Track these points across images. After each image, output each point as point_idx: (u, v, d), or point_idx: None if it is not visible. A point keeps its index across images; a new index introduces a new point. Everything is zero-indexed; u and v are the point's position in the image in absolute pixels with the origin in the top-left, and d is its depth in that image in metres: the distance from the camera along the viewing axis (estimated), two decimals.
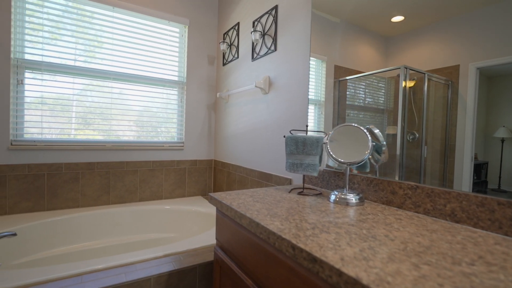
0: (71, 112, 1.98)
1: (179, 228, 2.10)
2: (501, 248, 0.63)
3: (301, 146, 1.15)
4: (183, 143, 2.41)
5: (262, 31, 1.80)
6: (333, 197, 1.03)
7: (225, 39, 2.36)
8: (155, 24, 2.25)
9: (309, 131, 1.28)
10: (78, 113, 2.00)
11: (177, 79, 2.38)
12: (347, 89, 1.29)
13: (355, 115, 1.24)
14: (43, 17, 1.86)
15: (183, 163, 2.39)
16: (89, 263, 1.16)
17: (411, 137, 1.04)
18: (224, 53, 2.38)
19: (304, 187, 1.23)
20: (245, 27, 2.04)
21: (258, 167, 1.85)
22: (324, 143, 1.11)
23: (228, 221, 0.99)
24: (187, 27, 2.38)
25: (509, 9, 0.77)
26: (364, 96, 1.21)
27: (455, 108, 0.89)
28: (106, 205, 2.07)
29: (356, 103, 1.24)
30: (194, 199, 2.34)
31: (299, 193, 1.16)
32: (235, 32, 2.18)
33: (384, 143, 1.08)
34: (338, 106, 1.32)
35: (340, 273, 0.50)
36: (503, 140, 0.79)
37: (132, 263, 1.21)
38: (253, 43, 1.91)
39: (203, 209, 2.07)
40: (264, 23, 1.80)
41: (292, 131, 1.48)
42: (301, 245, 0.61)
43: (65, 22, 1.93)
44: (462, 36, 0.87)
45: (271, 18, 1.73)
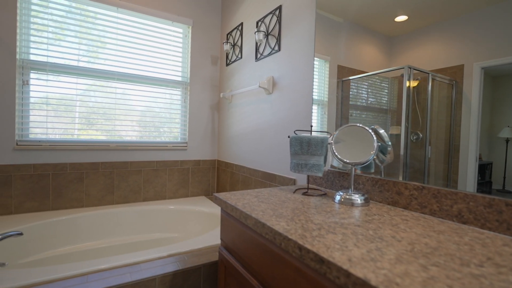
0: (75, 112, 1.99)
1: (182, 228, 2.10)
2: (510, 249, 0.62)
3: (306, 146, 1.15)
4: (186, 143, 2.41)
5: (265, 31, 1.80)
6: (338, 198, 1.03)
7: (228, 39, 2.36)
8: (158, 24, 2.26)
9: (313, 131, 1.27)
10: (82, 113, 2.01)
11: (180, 79, 2.38)
12: (350, 89, 1.28)
13: (358, 115, 1.24)
14: (48, 18, 1.87)
15: (186, 163, 2.40)
16: (94, 262, 1.16)
17: (415, 137, 1.03)
18: (227, 53, 2.38)
19: (308, 187, 1.22)
20: (249, 28, 2.04)
21: (261, 167, 1.85)
22: (329, 144, 1.11)
23: (233, 221, 0.99)
24: (191, 27, 2.39)
25: None
26: (367, 96, 1.21)
27: (460, 108, 0.88)
28: (110, 205, 2.08)
29: (359, 103, 1.24)
30: (197, 199, 2.34)
31: (304, 194, 1.15)
32: (238, 32, 2.18)
33: (389, 143, 1.07)
34: (341, 106, 1.32)
35: (348, 274, 0.50)
36: (507, 140, 0.78)
37: (136, 263, 1.21)
38: (257, 43, 1.91)
39: (207, 209, 2.07)
40: (267, 23, 1.80)
41: (296, 131, 1.48)
42: (308, 246, 0.61)
43: (69, 22, 1.94)
44: (466, 35, 0.87)
45: (274, 18, 1.73)
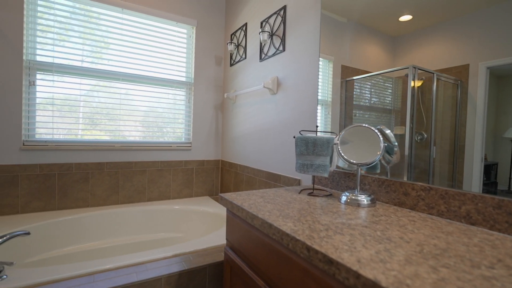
0: (80, 112, 2.00)
1: (187, 228, 2.11)
2: None
3: (311, 146, 1.14)
4: (190, 143, 2.42)
5: (270, 32, 1.80)
6: (344, 198, 1.03)
7: (232, 39, 2.36)
8: (163, 25, 2.27)
9: (319, 132, 1.27)
10: (87, 113, 2.02)
11: (184, 79, 2.39)
12: (354, 89, 1.28)
13: (362, 115, 1.23)
14: (53, 19, 1.89)
15: (190, 163, 2.40)
16: (100, 262, 1.17)
17: (419, 138, 1.03)
18: (231, 53, 2.39)
19: (314, 188, 1.22)
20: (253, 28, 2.04)
21: (266, 168, 1.85)
22: (334, 144, 1.11)
23: (239, 221, 0.99)
24: (195, 28, 2.39)
25: None
26: (371, 96, 1.20)
27: (465, 108, 0.88)
28: (115, 204, 2.09)
29: (363, 103, 1.24)
30: (201, 199, 2.35)
31: (309, 194, 1.15)
32: (242, 32, 2.18)
33: (395, 143, 1.07)
34: (345, 106, 1.32)
35: (357, 275, 0.50)
36: None
37: (142, 262, 1.22)
38: (261, 44, 1.91)
39: (211, 209, 2.08)
40: (272, 24, 1.80)
41: (301, 132, 1.48)
42: (316, 247, 0.61)
43: (74, 23, 1.95)
44: (471, 35, 0.86)
45: (279, 18, 1.73)
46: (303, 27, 1.53)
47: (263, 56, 1.89)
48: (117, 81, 2.11)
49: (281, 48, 1.70)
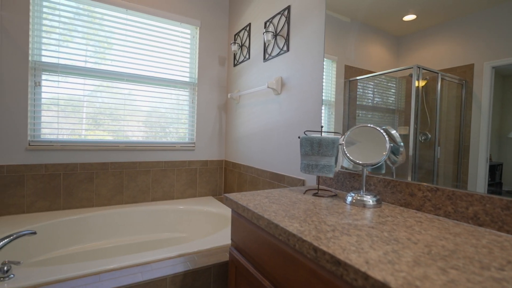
0: (85, 113, 2.01)
1: (191, 228, 2.11)
2: None
3: (317, 147, 1.14)
4: (194, 143, 2.42)
5: (274, 32, 1.80)
6: (349, 199, 1.02)
7: (236, 40, 2.36)
8: (166, 25, 2.28)
9: (323, 132, 1.27)
10: (91, 113, 2.03)
11: (188, 80, 2.40)
12: (357, 89, 1.28)
13: (366, 116, 1.23)
14: (58, 20, 1.90)
15: (194, 164, 2.41)
16: (106, 262, 1.18)
17: (423, 138, 1.02)
18: (235, 54, 2.39)
19: (319, 188, 1.22)
20: (257, 28, 2.04)
21: (270, 168, 1.84)
22: (340, 144, 1.10)
23: (244, 222, 0.99)
24: (198, 28, 2.40)
25: None
26: (374, 96, 1.20)
27: (469, 108, 0.87)
28: (119, 204, 2.10)
29: (366, 103, 1.23)
30: (205, 199, 2.35)
31: (314, 195, 1.15)
32: (246, 33, 2.18)
33: (401, 144, 1.06)
34: (348, 106, 1.32)
35: (366, 277, 0.50)
36: None
37: (147, 262, 1.22)
38: (265, 44, 1.91)
39: (215, 210, 2.08)
40: (276, 24, 1.80)
41: (306, 132, 1.48)
42: (323, 248, 0.60)
43: (79, 24, 1.97)
44: (476, 34, 0.85)
45: (283, 18, 1.72)
46: (308, 27, 1.53)
47: (267, 56, 1.89)
48: (121, 81, 2.12)
49: (285, 48, 1.70)
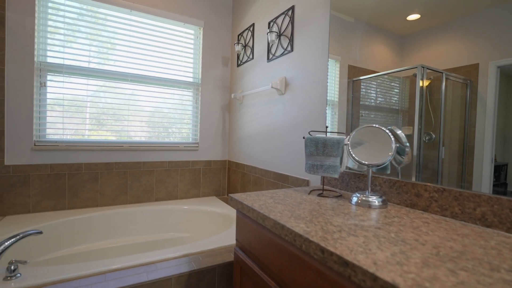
0: (89, 113, 2.03)
1: (194, 228, 2.12)
2: None
3: (322, 147, 1.14)
4: (197, 143, 2.43)
5: (278, 32, 1.80)
6: (355, 199, 1.02)
7: (239, 40, 2.36)
8: (170, 26, 2.28)
9: (328, 132, 1.26)
10: (95, 114, 2.05)
11: (192, 80, 2.40)
12: (361, 89, 1.28)
13: (369, 116, 1.23)
14: (63, 21, 1.91)
15: (197, 164, 2.41)
16: (112, 261, 1.18)
17: (427, 138, 1.02)
18: (238, 54, 2.39)
19: (323, 188, 1.22)
20: (260, 28, 2.04)
21: (273, 168, 1.84)
22: (345, 144, 1.10)
23: (249, 222, 0.99)
24: (202, 28, 2.40)
25: None
26: (378, 96, 1.20)
27: (474, 108, 0.87)
28: (123, 204, 2.11)
29: (370, 103, 1.23)
30: (208, 200, 2.36)
31: (319, 195, 1.15)
32: (250, 33, 2.18)
33: (407, 144, 1.06)
34: (351, 106, 1.32)
35: (375, 278, 0.50)
36: None
37: (152, 262, 1.22)
38: (269, 44, 1.91)
39: (219, 210, 2.08)
40: (280, 24, 1.79)
41: (311, 132, 1.47)
42: (330, 248, 0.60)
43: (83, 25, 1.98)
44: (481, 34, 0.85)
45: (287, 18, 1.72)
46: (312, 27, 1.52)
47: (271, 56, 1.89)
48: (124, 81, 2.13)
49: (289, 48, 1.70)
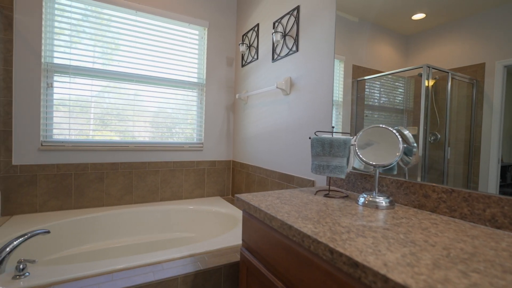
0: (95, 113, 2.04)
1: (199, 228, 2.12)
2: None
3: (328, 147, 1.14)
4: (202, 144, 2.43)
5: (283, 32, 1.80)
6: (362, 200, 1.02)
7: (244, 40, 2.37)
8: (175, 27, 2.29)
9: (335, 133, 1.26)
10: (101, 114, 2.06)
11: (196, 80, 2.41)
12: (365, 89, 1.27)
13: (374, 116, 1.22)
14: (70, 23, 1.93)
15: (202, 164, 2.42)
16: (118, 261, 1.19)
17: (433, 138, 1.01)
18: (243, 54, 2.39)
19: (329, 189, 1.21)
20: (265, 28, 2.04)
21: (278, 168, 1.84)
22: (351, 145, 1.10)
23: (256, 222, 0.99)
24: (207, 29, 2.41)
25: None
26: (382, 96, 1.19)
27: (480, 108, 0.86)
28: (129, 204, 2.12)
29: (374, 103, 1.23)
30: (213, 200, 2.36)
31: (325, 196, 1.14)
32: (254, 33, 2.18)
33: (414, 145, 1.05)
34: (356, 106, 1.31)
35: (386, 279, 0.49)
36: None
37: (159, 262, 1.23)
38: (274, 44, 1.91)
39: (223, 210, 2.08)
40: (285, 24, 1.79)
41: (317, 133, 1.47)
42: (340, 249, 0.60)
43: (90, 26, 1.99)
44: (487, 33, 0.84)
45: (292, 18, 1.72)
46: (317, 27, 1.52)
47: (276, 56, 1.89)
48: (129, 82, 2.14)
49: (294, 48, 1.70)
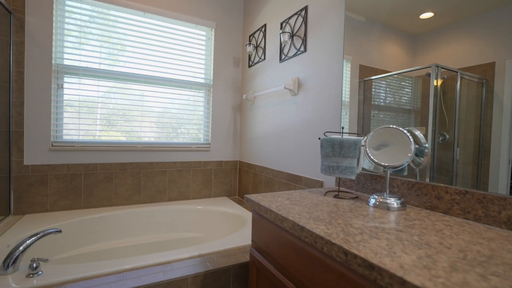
0: (103, 114, 2.06)
1: (207, 228, 2.13)
2: None
3: (338, 148, 1.13)
4: (209, 144, 2.44)
5: (290, 32, 1.79)
6: (373, 201, 1.01)
7: (251, 41, 2.37)
8: (183, 28, 2.30)
9: (344, 133, 1.25)
10: (109, 115, 2.08)
11: (203, 81, 2.42)
12: (372, 89, 1.27)
13: (381, 116, 1.22)
14: (80, 24, 1.95)
15: (209, 164, 2.43)
16: (129, 261, 1.20)
17: (441, 139, 1.00)
18: (250, 55, 2.39)
19: (339, 190, 1.21)
20: (272, 29, 2.04)
21: (286, 169, 1.84)
22: (362, 146, 1.09)
23: (266, 223, 0.99)
24: (214, 30, 2.41)
25: None
26: (390, 96, 1.18)
27: (490, 107, 0.85)
28: (137, 204, 2.14)
29: (381, 103, 1.22)
30: (220, 200, 2.37)
31: (335, 196, 1.14)
32: (261, 33, 2.18)
33: (426, 145, 1.04)
34: (363, 106, 1.31)
35: (403, 282, 0.49)
36: None
37: (168, 262, 1.24)
38: (281, 44, 1.90)
39: (231, 210, 2.09)
40: (292, 24, 1.79)
41: (326, 133, 1.46)
42: (354, 251, 0.60)
43: (99, 28, 2.01)
44: (498, 31, 0.83)
45: (300, 19, 1.72)
46: (326, 27, 1.51)
47: (283, 57, 1.89)
48: (138, 83, 2.16)
49: (302, 48, 1.69)
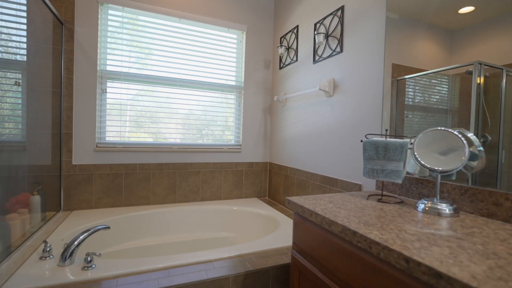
0: (144, 117, 2.16)
1: (239, 228, 2.16)
2: None
3: (382, 151, 1.10)
4: (240, 145, 2.48)
5: (325, 33, 1.77)
6: (422, 206, 0.97)
7: (282, 42, 2.37)
8: (215, 31, 2.36)
9: (388, 135, 1.22)
10: (149, 117, 2.18)
11: (235, 84, 2.46)
12: (406, 89, 1.22)
13: (415, 116, 1.17)
14: (122, 32, 2.06)
15: (240, 165, 2.46)
16: (174, 258, 1.25)
17: (482, 140, 0.94)
18: (281, 56, 2.40)
19: (382, 194, 1.17)
20: (305, 30, 2.03)
21: (320, 171, 1.82)
22: (409, 148, 1.05)
23: (310, 226, 0.99)
24: (245, 33, 2.45)
25: None
26: (424, 96, 1.14)
27: None
28: (172, 203, 2.22)
29: (415, 103, 1.18)
30: (251, 201, 2.39)
31: (379, 201, 1.11)
32: (293, 35, 2.18)
33: (480, 149, 0.98)
34: (396, 107, 1.26)
35: None
36: None
37: (209, 260, 1.27)
38: (315, 45, 1.89)
39: (263, 211, 2.10)
40: (327, 25, 1.77)
41: (368, 136, 1.43)
42: (417, 258, 0.58)
43: (139, 35, 2.12)
44: None
45: (336, 19, 1.69)
46: (364, 27, 1.48)
47: (317, 58, 1.87)
48: (174, 87, 2.24)
49: (338, 49, 1.67)
